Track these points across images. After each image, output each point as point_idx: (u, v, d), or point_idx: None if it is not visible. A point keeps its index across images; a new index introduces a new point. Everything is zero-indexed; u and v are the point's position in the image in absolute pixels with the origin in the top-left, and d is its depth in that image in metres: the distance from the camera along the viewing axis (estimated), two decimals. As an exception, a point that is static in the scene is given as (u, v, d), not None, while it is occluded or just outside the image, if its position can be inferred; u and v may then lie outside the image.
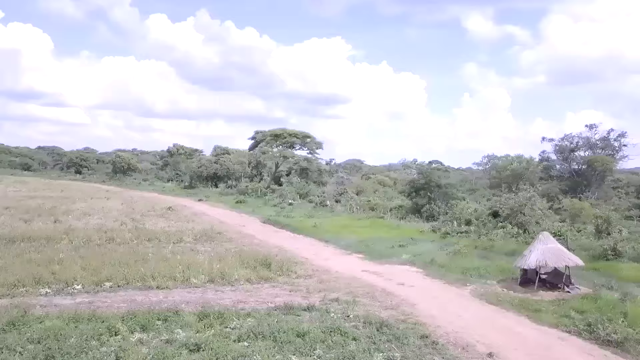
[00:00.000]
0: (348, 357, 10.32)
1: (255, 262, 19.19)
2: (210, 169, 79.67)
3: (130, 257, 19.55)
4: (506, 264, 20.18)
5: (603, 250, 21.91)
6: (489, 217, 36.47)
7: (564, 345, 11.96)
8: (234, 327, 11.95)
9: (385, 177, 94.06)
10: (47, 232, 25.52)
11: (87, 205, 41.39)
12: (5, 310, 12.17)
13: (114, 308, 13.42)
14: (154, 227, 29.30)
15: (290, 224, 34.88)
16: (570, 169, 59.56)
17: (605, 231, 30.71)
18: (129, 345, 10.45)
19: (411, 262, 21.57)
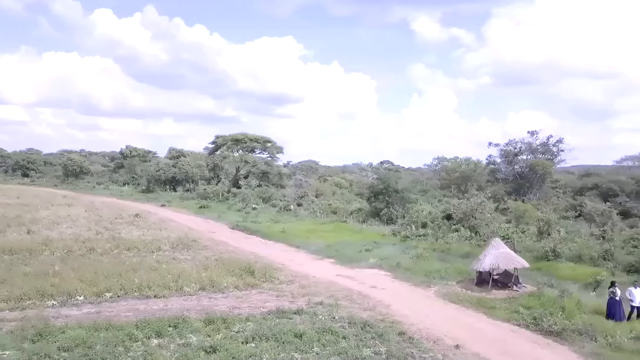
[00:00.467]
0: (342, 353, 12.27)
1: (240, 270, 20.81)
2: (169, 173, 79.51)
3: (119, 268, 20.73)
4: (463, 266, 22.75)
5: (544, 252, 24.93)
6: (443, 220, 39.40)
7: (515, 336, 14.41)
8: (237, 330, 13.65)
9: (342, 179, 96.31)
10: (25, 243, 26.05)
11: (52, 213, 41.30)
12: (29, 322, 13.34)
13: (122, 317, 14.78)
14: (129, 236, 30.21)
15: (259, 230, 36.46)
16: (514, 172, 63.94)
17: (546, 232, 34.22)
18: (152, 350, 11.99)
19: (379, 265, 23.79)
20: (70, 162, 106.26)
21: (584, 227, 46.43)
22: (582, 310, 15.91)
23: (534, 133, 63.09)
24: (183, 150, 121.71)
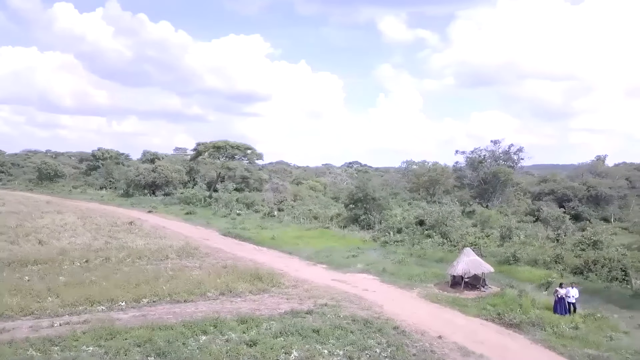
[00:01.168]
0: (352, 343, 15.75)
1: (250, 276, 24.04)
2: (149, 178, 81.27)
3: (143, 276, 23.62)
4: (438, 270, 26.64)
5: (506, 257, 29.08)
6: (416, 226, 43.44)
7: (484, 328, 18.23)
8: (265, 328, 16.95)
9: (316, 183, 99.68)
10: (42, 254, 28.45)
11: (49, 222, 43.24)
12: (96, 324, 16.33)
13: (165, 319, 17.84)
14: (135, 245, 32.85)
15: (250, 237, 39.56)
16: (479, 177, 68.85)
17: (507, 237, 38.68)
18: (203, 344, 15.19)
19: (367, 270, 27.43)
20: (45, 166, 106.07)
21: (541, 229, 51.09)
22: (535, 307, 19.88)
23: (497, 142, 68.37)
24: (157, 153, 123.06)
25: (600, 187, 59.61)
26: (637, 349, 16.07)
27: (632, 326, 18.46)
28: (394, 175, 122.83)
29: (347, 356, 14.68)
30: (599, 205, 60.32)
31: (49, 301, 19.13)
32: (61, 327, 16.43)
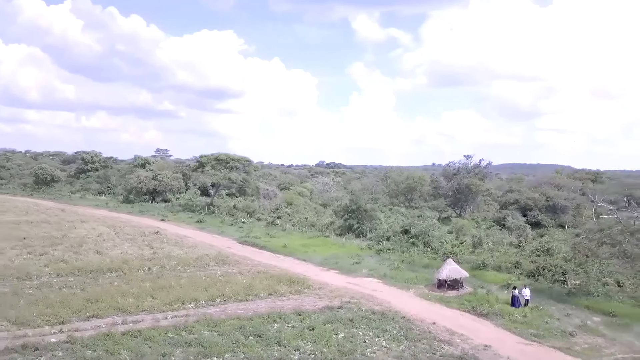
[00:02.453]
0: (376, 328, 23.35)
1: (287, 280, 31.41)
2: (150, 185, 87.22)
3: (203, 281, 30.75)
4: (426, 275, 34.57)
5: (477, 264, 37.23)
6: (402, 235, 51.44)
7: (463, 317, 26.14)
8: (313, 319, 24.39)
9: (303, 189, 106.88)
10: (108, 263, 35.13)
11: (87, 232, 49.67)
12: (199, 317, 23.52)
13: (240, 313, 25.07)
14: (176, 254, 39.77)
15: (266, 245, 46.77)
16: (454, 188, 77.46)
17: (478, 244, 47.11)
18: (280, 329, 22.55)
19: (372, 275, 35.15)
20: (42, 171, 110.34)
21: (507, 236, 59.62)
22: (498, 302, 27.93)
23: (469, 157, 77.26)
24: (148, 158, 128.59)
25: (557, 199, 68.91)
26: (562, 329, 24.24)
27: (562, 314, 26.70)
28: (373, 180, 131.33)
29: (375, 335, 22.29)
30: (556, 213, 69.60)
31: (149, 301, 26.11)
32: (174, 319, 23.54)
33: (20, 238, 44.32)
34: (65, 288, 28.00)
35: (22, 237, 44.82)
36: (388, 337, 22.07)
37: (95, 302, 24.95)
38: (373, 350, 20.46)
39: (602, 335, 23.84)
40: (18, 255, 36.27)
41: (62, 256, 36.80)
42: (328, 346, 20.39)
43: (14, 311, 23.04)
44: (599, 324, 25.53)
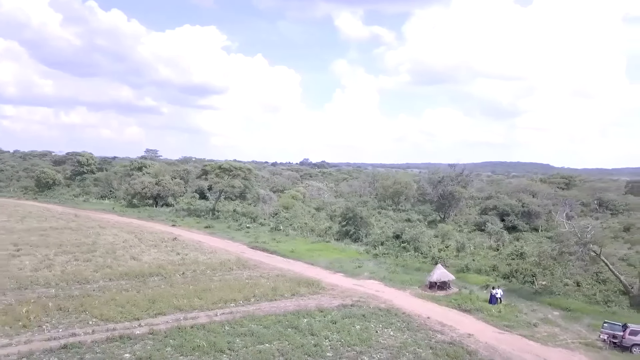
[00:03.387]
0: (384, 321, 29.70)
1: (305, 283, 37.51)
2: (154, 190, 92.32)
3: (234, 283, 36.67)
4: (419, 277, 41.04)
5: (461, 267, 43.85)
6: (394, 239, 57.91)
7: (451, 312, 32.65)
8: (334, 315, 30.59)
9: (296, 192, 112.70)
10: (146, 268, 40.81)
11: (112, 238, 55.00)
12: (243, 314, 29.54)
13: (274, 310, 31.14)
14: (201, 259, 45.57)
15: (276, 250, 52.76)
16: (439, 194, 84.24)
17: (462, 249, 53.84)
18: (309, 322, 28.72)
19: (373, 277, 41.49)
20: (44, 175, 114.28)
21: (486, 239, 66.38)
22: (478, 300, 34.51)
23: (453, 165, 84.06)
24: (144, 162, 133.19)
25: (531, 205, 76.18)
26: (528, 321, 30.92)
27: (529, 310, 33.42)
28: (361, 183, 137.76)
29: (384, 327, 28.59)
30: (531, 218, 76.82)
31: (197, 301, 31.97)
32: (223, 315, 29.51)
33: (58, 245, 49.64)
34: (124, 291, 33.69)
35: (58, 244, 50.10)
36: (394, 328, 28.40)
37: (156, 302, 30.76)
38: (384, 338, 26.74)
39: (559, 325, 30.59)
40: (67, 262, 41.67)
41: (104, 262, 42.36)
42: (349, 335, 26.59)
43: (96, 310, 28.76)
44: (557, 317, 32.32)
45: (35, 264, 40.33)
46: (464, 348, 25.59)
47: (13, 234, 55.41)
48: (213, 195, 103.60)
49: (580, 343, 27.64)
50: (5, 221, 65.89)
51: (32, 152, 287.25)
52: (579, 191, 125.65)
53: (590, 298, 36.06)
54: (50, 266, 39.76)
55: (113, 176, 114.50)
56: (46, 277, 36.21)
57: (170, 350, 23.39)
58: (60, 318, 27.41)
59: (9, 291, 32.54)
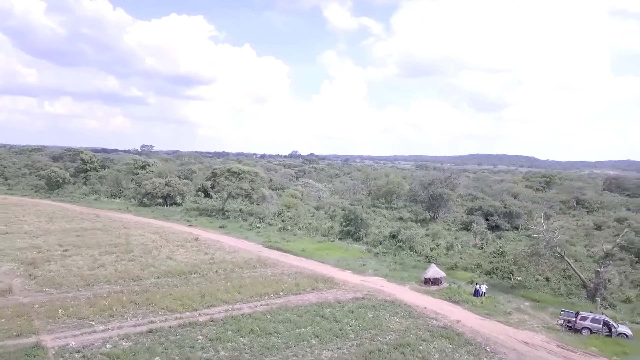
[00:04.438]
0: (390, 310, 37.22)
1: (321, 279, 44.86)
2: (164, 191, 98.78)
3: (261, 280, 43.92)
4: (415, 274, 48.67)
5: (451, 265, 51.59)
6: (391, 239, 65.52)
7: (443, 304, 40.29)
8: (350, 306, 38.00)
9: (295, 191, 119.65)
10: (184, 267, 47.81)
11: (141, 239, 61.73)
12: (278, 305, 36.86)
13: (301, 303, 38.44)
14: (228, 259, 52.59)
15: (289, 250, 59.95)
16: (429, 195, 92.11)
17: (451, 248, 61.66)
18: (333, 312, 36.12)
19: (376, 274, 49.00)
20: (54, 175, 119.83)
21: (472, 238, 74.18)
22: (465, 293, 42.23)
23: (442, 170, 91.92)
24: (147, 160, 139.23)
25: (512, 206, 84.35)
26: (504, 310, 38.70)
27: (506, 301, 41.23)
28: (354, 181, 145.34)
29: (391, 315, 36.09)
30: (512, 218, 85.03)
31: (237, 295, 39.12)
32: (262, 307, 36.75)
33: (97, 245, 56.29)
34: (175, 287, 40.75)
35: (96, 244, 56.77)
36: (399, 316, 35.96)
37: (205, 296, 37.85)
38: (392, 324, 34.25)
39: (528, 314, 38.44)
40: (116, 262, 48.49)
41: (146, 262, 49.25)
42: (365, 322, 34.04)
43: (161, 302, 35.81)
44: (528, 307, 40.19)
45: (89, 264, 47.11)
46: (454, 331, 33.22)
47: (51, 235, 61.87)
48: (217, 194, 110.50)
49: (543, 327, 35.50)
50: (37, 221, 72.16)
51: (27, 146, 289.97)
52: (559, 191, 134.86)
53: (556, 291, 44.05)
54: (103, 265, 46.57)
55: (121, 175, 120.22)
56: (104, 276, 43.08)
57: (230, 334, 30.59)
58: (135, 309, 34.46)
59: (82, 288, 39.43)
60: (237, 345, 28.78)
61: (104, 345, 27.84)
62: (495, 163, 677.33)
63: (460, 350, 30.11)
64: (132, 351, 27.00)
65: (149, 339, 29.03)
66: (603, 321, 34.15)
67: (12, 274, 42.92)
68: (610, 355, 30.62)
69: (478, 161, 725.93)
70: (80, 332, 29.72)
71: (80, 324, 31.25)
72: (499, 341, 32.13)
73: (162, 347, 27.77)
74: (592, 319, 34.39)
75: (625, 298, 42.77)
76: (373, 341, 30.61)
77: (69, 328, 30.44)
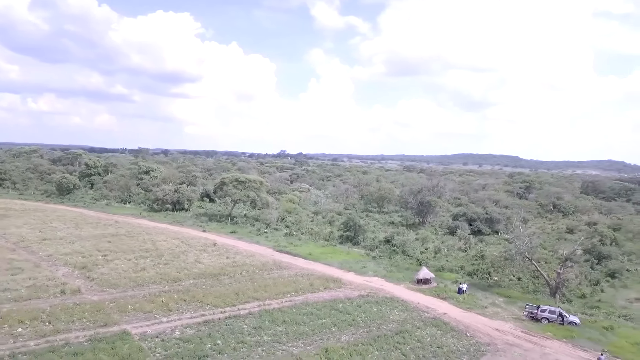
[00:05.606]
0: (390, 305, 46.02)
1: (331, 280, 53.47)
2: (174, 197, 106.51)
3: (281, 280, 52.39)
4: (408, 275, 57.57)
5: (438, 267, 60.59)
6: (385, 243, 74.45)
7: (433, 299, 49.21)
8: (357, 301, 46.70)
9: (293, 196, 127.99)
10: (213, 269, 56.05)
11: (167, 243, 69.72)
12: (298, 302, 45.44)
13: (317, 300, 47.02)
14: (247, 262, 60.94)
15: (297, 253, 68.41)
16: (418, 202, 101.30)
17: (438, 252, 70.79)
18: (344, 307, 44.76)
19: (376, 275, 57.77)
20: (65, 180, 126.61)
21: (457, 242, 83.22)
22: (450, 291, 51.18)
23: (430, 179, 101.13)
24: (152, 167, 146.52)
25: (493, 213, 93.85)
26: (482, 304, 47.73)
27: (483, 298, 50.28)
28: (348, 186, 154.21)
29: (391, 309, 44.83)
30: (493, 223, 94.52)
31: (264, 293, 47.51)
32: (286, 302, 45.21)
33: (130, 250, 64.14)
34: (211, 287, 49.02)
35: (129, 249, 64.65)
36: (397, 310, 44.75)
37: (239, 294, 46.21)
38: (392, 315, 42.99)
39: (501, 307, 47.52)
40: (154, 266, 56.51)
41: (179, 265, 57.37)
42: (371, 314, 42.74)
43: (205, 299, 44.06)
44: (501, 302, 49.29)
45: (132, 267, 55.07)
46: (442, 321, 42.11)
47: (85, 241, 69.48)
48: (221, 199, 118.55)
49: (512, 318, 44.59)
50: (65, 227, 79.58)
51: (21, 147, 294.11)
52: (538, 195, 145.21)
53: (525, 289, 53.27)
54: (145, 269, 54.61)
55: (127, 180, 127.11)
56: (149, 277, 51.16)
57: (268, 323, 39.07)
58: (186, 305, 42.73)
59: (135, 288, 47.54)
60: (275, 332, 37.29)
61: (173, 332, 36.14)
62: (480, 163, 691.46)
63: (446, 335, 38.99)
64: (197, 336, 35.35)
65: (206, 328, 37.38)
66: (558, 313, 43.31)
67: (70, 276, 50.79)
68: (561, 338, 39.78)
69: (464, 160, 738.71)
70: (151, 323, 37.97)
71: (147, 316, 39.47)
72: (476, 328, 41.11)
73: (218, 334, 36.16)
74: (549, 311, 43.53)
75: (581, 294, 52.16)
76: (379, 329, 39.33)
77: (140, 320, 38.65)
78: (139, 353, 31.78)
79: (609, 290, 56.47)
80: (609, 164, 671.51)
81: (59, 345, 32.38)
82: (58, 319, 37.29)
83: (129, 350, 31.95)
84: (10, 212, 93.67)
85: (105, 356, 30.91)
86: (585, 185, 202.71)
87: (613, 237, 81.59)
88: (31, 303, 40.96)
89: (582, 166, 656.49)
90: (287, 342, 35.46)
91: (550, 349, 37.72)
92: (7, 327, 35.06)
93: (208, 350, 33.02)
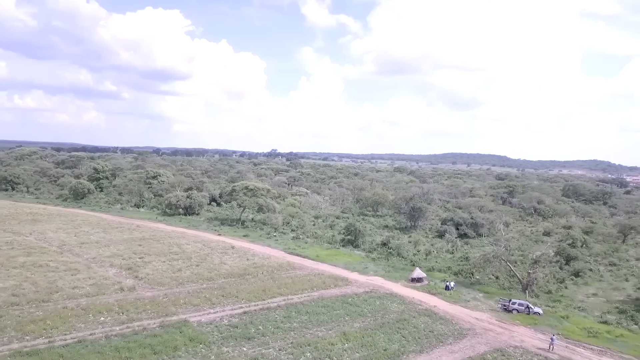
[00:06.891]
0: (390, 299, 56.05)
1: (340, 279, 63.40)
2: (186, 202, 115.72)
3: (297, 280, 62.20)
4: (404, 274, 67.70)
5: (429, 267, 70.85)
6: (382, 246, 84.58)
7: (426, 295, 59.29)
8: (363, 297, 56.66)
9: (294, 200, 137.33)
10: (238, 270, 65.73)
11: (191, 248, 79.16)
12: (314, 297, 55.38)
13: (330, 296, 56.91)
14: (264, 264, 70.60)
15: (306, 255, 78.14)
16: (410, 208, 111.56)
17: (429, 254, 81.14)
18: (354, 300, 54.74)
19: (376, 275, 67.81)
20: (81, 186, 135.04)
21: (445, 244, 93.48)
22: (440, 288, 61.38)
23: (421, 187, 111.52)
24: (159, 172, 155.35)
25: (477, 218, 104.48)
26: (465, 299, 58.01)
27: (466, 293, 60.54)
28: (344, 191, 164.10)
29: (391, 303, 54.87)
30: (477, 227, 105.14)
31: (286, 290, 57.27)
32: (306, 297, 55.04)
33: (161, 253, 73.48)
34: (240, 284, 58.63)
35: (159, 252, 74.00)
36: (396, 303, 54.79)
37: (265, 291, 55.91)
38: (392, 308, 53.00)
39: (481, 301, 57.85)
40: (188, 267, 65.94)
41: (208, 266, 66.88)
42: (375, 306, 52.71)
43: (239, 295, 53.71)
44: (481, 297, 59.62)
45: (170, 268, 64.47)
46: (432, 312, 52.27)
47: (118, 244, 78.63)
48: (227, 204, 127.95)
49: (489, 309, 54.92)
50: (96, 232, 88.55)
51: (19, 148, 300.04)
52: (520, 200, 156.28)
53: (501, 286, 63.64)
54: (181, 270, 64.07)
55: (141, 186, 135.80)
56: (187, 277, 60.66)
57: (294, 314, 48.89)
58: (224, 300, 52.37)
59: (178, 286, 57.04)
60: (301, 320, 47.16)
61: (222, 321, 45.84)
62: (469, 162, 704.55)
63: (436, 322, 49.15)
64: (242, 323, 45.11)
65: (246, 317, 47.12)
66: (525, 305, 53.66)
67: (120, 276, 60.14)
68: (526, 325, 50.16)
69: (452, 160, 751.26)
70: (202, 314, 47.63)
71: (197, 309, 49.09)
72: (460, 317, 51.34)
73: (257, 321, 45.93)
74: (518, 303, 53.88)
75: (548, 290, 62.67)
76: (383, 318, 49.38)
77: (192, 311, 48.27)
78: (202, 336, 41.45)
79: (572, 287, 67.13)
80: (594, 163, 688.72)
81: (139, 329, 41.98)
82: (128, 310, 46.82)
83: (194, 333, 41.62)
84: (38, 217, 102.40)
85: (179, 337, 40.55)
86: (566, 188, 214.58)
87: (583, 240, 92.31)
88: (99, 298, 50.39)
89: (568, 166, 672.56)
90: (312, 327, 45.31)
91: (517, 332, 48.07)
92: (92, 316, 44.59)
93: (253, 334, 42.77)
